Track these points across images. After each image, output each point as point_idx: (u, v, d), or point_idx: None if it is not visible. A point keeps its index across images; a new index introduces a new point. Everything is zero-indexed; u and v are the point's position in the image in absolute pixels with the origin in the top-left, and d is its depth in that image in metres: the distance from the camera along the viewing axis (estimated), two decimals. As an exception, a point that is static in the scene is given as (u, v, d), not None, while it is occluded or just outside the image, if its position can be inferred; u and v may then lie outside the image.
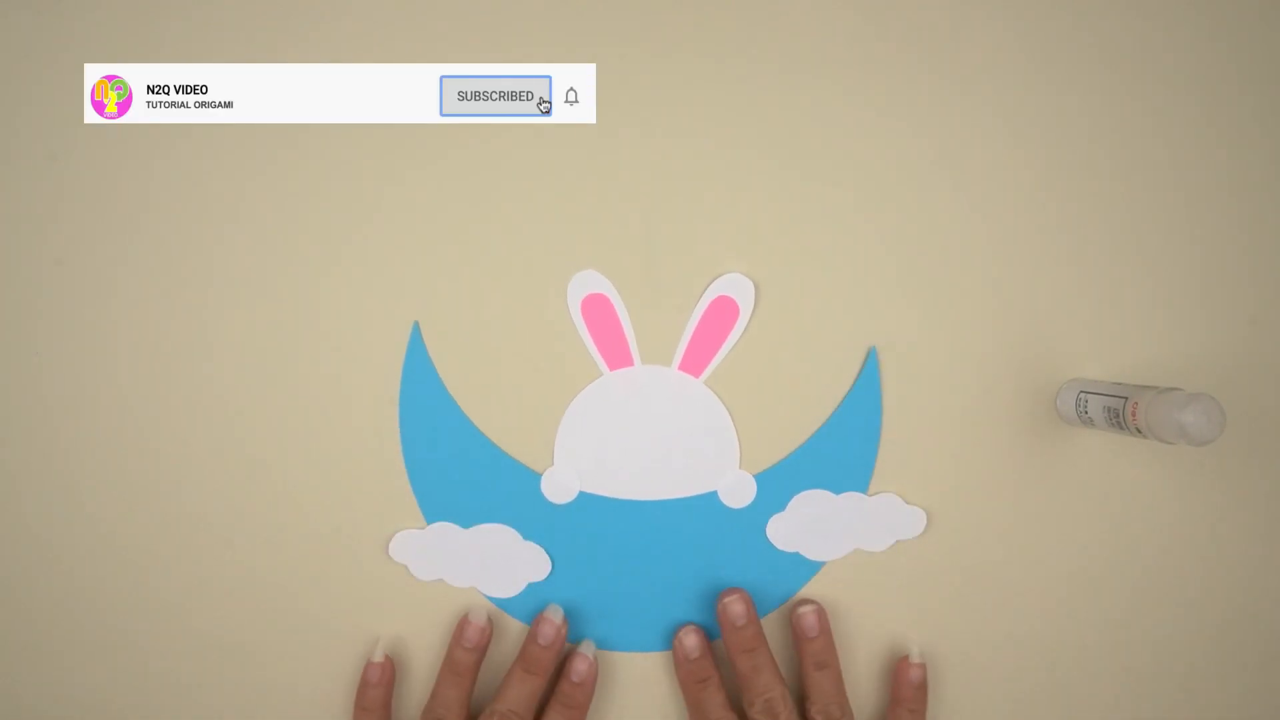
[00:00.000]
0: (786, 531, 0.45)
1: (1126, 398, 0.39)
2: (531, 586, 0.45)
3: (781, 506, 0.45)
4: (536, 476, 0.44)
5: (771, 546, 0.45)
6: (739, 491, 0.45)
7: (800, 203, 0.43)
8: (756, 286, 0.44)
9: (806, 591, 0.45)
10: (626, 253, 0.43)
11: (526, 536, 0.44)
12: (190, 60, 0.42)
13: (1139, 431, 0.39)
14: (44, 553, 0.44)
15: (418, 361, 0.44)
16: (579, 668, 0.43)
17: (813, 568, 0.45)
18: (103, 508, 0.44)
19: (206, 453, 0.44)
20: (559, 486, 0.44)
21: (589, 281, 0.43)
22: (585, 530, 0.45)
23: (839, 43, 0.43)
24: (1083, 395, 0.42)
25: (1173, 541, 0.45)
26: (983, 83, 0.44)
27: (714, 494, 0.45)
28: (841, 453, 0.44)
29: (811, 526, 0.45)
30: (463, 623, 0.44)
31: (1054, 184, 0.44)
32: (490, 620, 0.44)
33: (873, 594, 0.45)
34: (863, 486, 0.45)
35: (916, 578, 0.45)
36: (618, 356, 0.44)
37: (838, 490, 0.44)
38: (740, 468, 0.44)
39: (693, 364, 0.44)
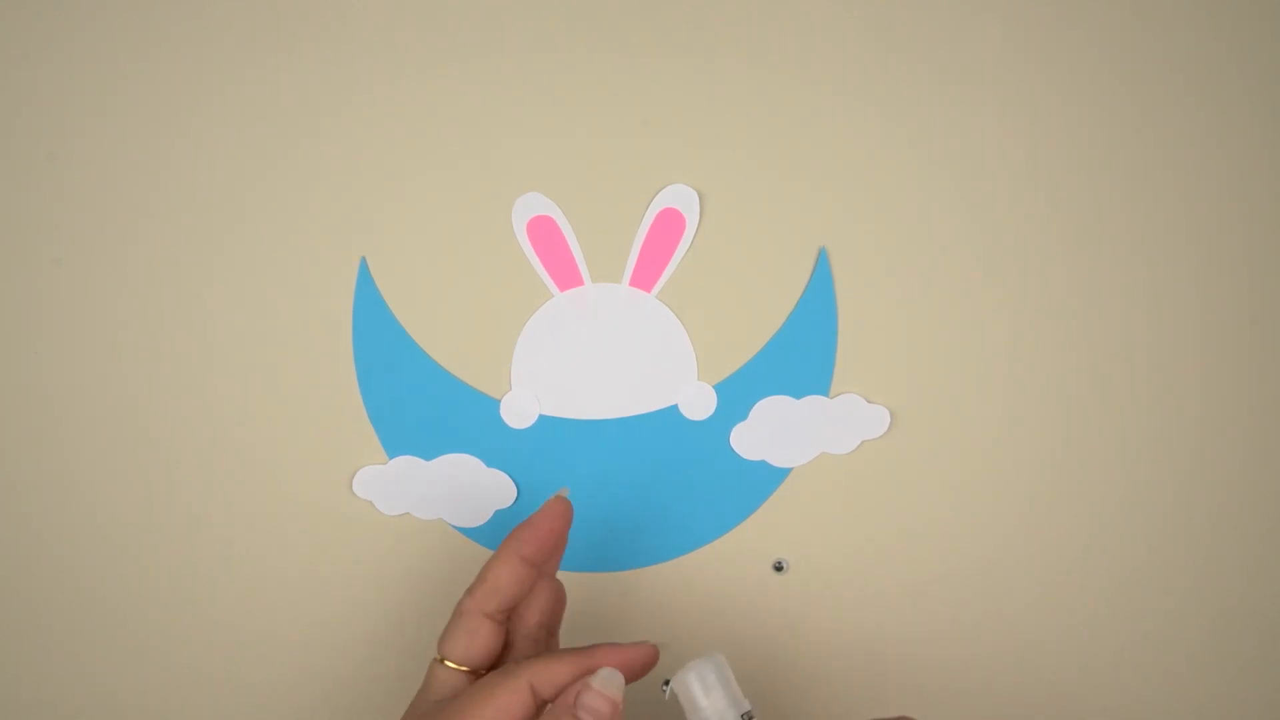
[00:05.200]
0: (750, 440, 0.44)
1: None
2: (498, 514, 0.44)
3: (744, 415, 0.44)
4: (495, 403, 0.44)
5: (737, 456, 0.44)
6: (699, 403, 0.44)
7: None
8: (701, 196, 0.43)
9: (777, 497, 0.45)
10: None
11: (490, 464, 0.44)
12: (188, 60, 0.42)
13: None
14: (44, 551, 0.44)
15: (368, 297, 0.44)
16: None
17: (779, 475, 0.45)
18: (102, 504, 0.44)
19: (198, 439, 0.44)
20: (518, 411, 0.44)
21: (533, 204, 0.43)
22: (548, 454, 0.44)
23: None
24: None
25: (1169, 539, 0.45)
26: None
27: (674, 408, 0.44)
28: (799, 357, 0.44)
29: (775, 433, 0.44)
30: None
31: (1050, 180, 0.44)
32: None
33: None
34: (823, 389, 0.44)
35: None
36: (567, 277, 0.44)
37: (798, 395, 0.44)
38: (699, 379, 0.44)
39: (643, 279, 0.44)
